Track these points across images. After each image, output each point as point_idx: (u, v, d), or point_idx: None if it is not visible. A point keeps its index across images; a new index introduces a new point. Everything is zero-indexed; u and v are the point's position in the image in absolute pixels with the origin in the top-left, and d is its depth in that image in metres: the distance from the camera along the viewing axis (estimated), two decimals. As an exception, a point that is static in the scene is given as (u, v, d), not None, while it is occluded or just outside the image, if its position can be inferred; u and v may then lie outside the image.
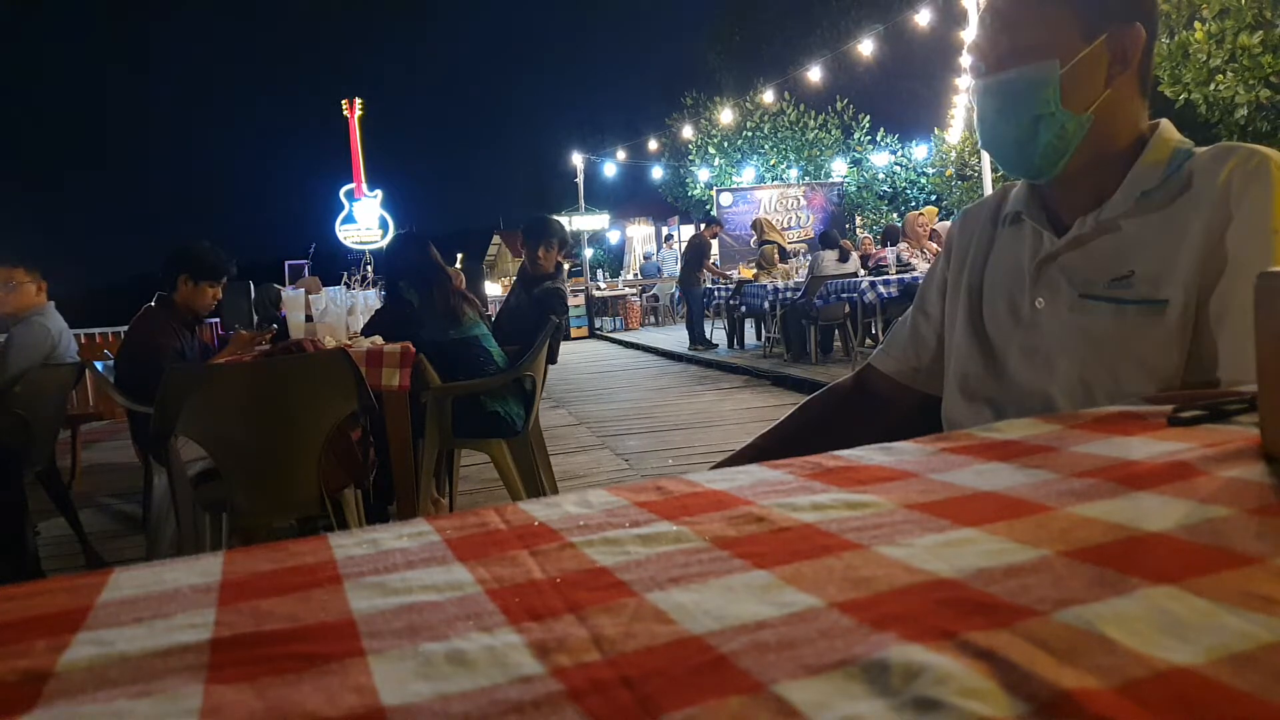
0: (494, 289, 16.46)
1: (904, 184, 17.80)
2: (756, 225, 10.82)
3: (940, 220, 8.84)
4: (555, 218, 3.94)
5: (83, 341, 8.25)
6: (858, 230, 15.92)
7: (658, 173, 20.26)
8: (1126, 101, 1.02)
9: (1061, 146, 1.01)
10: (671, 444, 5.10)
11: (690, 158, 19.36)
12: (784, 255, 9.91)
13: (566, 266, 5.57)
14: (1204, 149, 1.00)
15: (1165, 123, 1.04)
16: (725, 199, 17.05)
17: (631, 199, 25.31)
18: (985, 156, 7.84)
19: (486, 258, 30.55)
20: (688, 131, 18.35)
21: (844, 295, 7.40)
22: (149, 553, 3.04)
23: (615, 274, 21.38)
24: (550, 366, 3.49)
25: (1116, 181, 1.01)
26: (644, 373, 9.28)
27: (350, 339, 3.31)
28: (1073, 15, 0.99)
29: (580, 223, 19.29)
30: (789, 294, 8.21)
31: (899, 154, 17.91)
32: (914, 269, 7.34)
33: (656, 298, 16.79)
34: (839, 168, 18.21)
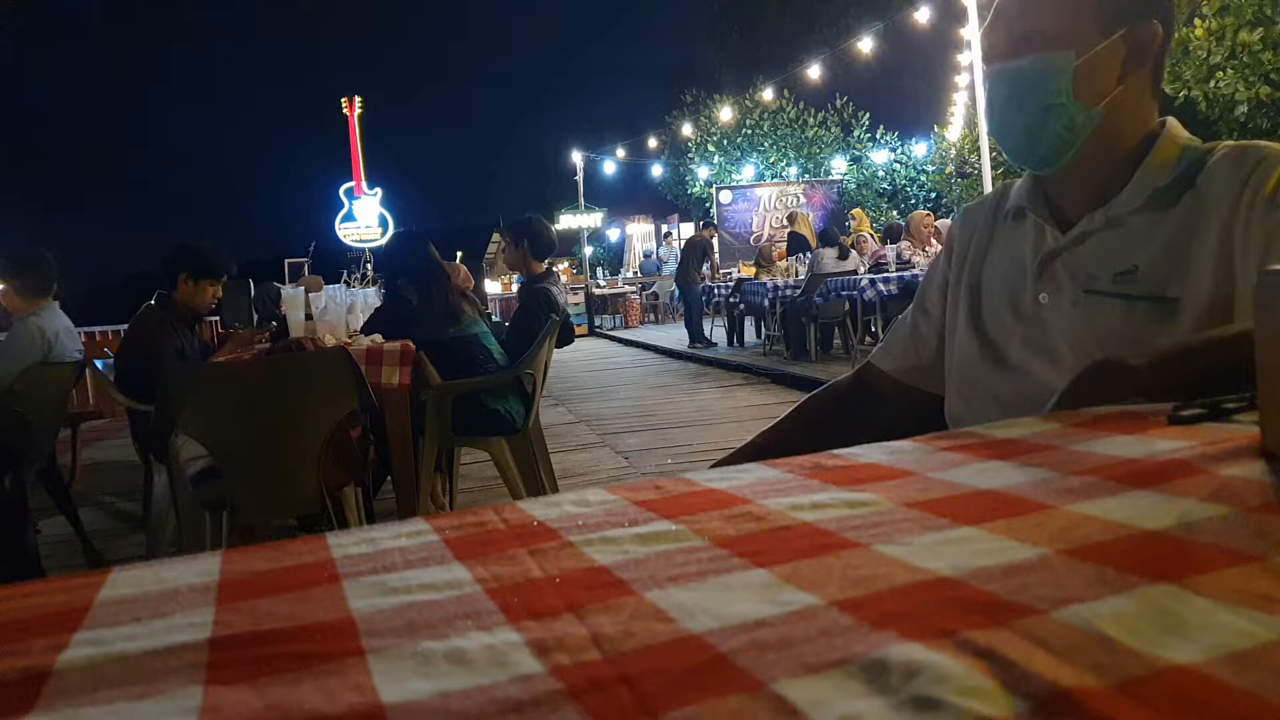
0: (494, 287, 16.46)
1: (904, 181, 17.79)
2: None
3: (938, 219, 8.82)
4: (537, 218, 3.91)
5: (83, 340, 8.22)
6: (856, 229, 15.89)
7: (657, 170, 20.24)
8: (1138, 99, 1.01)
9: (1070, 138, 1.00)
10: (671, 442, 5.10)
11: (690, 155, 19.35)
12: (799, 249, 9.87)
13: (559, 268, 5.55)
14: (1212, 145, 0.99)
15: (1173, 121, 1.03)
16: (725, 196, 17.04)
17: (631, 197, 25.28)
18: (985, 154, 7.82)
19: (486, 256, 30.49)
20: (687, 129, 18.35)
21: (844, 293, 7.39)
22: (149, 551, 3.04)
23: (615, 272, 21.37)
24: (550, 365, 3.49)
25: (1123, 178, 1.00)
26: (644, 371, 9.28)
27: (350, 337, 3.30)
28: (1093, 8, 0.98)
29: (577, 221, 19.28)
30: (789, 292, 8.21)
31: (899, 151, 17.90)
32: (914, 266, 7.32)
33: (656, 296, 16.78)
34: (839, 165, 18.20)
